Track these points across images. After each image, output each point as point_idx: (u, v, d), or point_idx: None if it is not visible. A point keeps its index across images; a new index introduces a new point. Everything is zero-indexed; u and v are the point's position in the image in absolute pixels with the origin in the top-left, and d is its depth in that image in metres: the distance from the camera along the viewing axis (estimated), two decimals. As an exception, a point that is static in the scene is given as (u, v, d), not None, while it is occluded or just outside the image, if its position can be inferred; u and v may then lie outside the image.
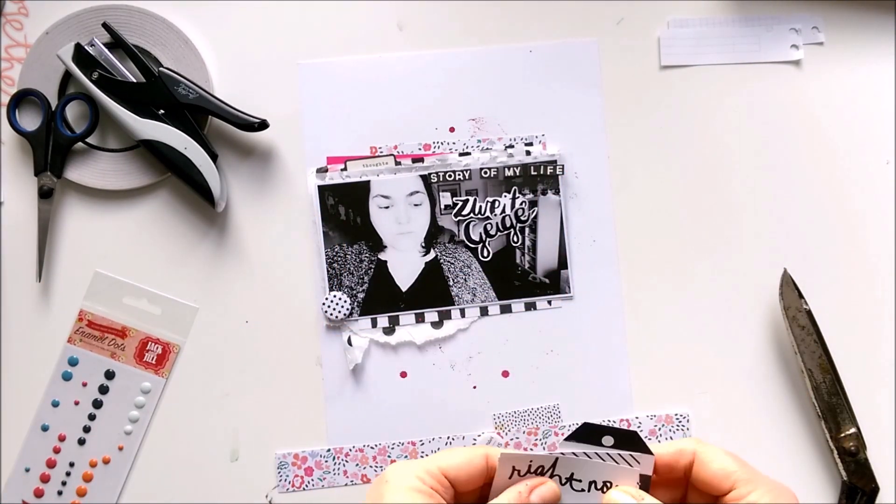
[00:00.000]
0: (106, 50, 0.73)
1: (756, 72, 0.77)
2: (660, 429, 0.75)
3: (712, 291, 0.76)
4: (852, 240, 0.76)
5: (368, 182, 0.75)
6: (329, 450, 0.74)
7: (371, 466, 0.74)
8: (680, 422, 0.75)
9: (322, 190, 0.75)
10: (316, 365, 0.75)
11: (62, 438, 0.74)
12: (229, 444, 0.74)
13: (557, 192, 0.75)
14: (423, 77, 0.76)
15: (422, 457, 0.74)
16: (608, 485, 0.58)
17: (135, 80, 0.72)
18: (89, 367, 0.74)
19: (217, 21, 0.75)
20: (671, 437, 0.75)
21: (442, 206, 0.75)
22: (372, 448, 0.74)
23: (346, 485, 0.74)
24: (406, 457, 0.74)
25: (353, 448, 0.74)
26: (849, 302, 0.76)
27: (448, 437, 0.75)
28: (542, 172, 0.75)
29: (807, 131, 0.77)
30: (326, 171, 0.75)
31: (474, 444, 0.74)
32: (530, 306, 0.75)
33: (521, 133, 0.76)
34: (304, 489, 0.74)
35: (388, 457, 0.74)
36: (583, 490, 0.58)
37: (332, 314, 0.74)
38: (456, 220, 0.75)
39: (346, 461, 0.74)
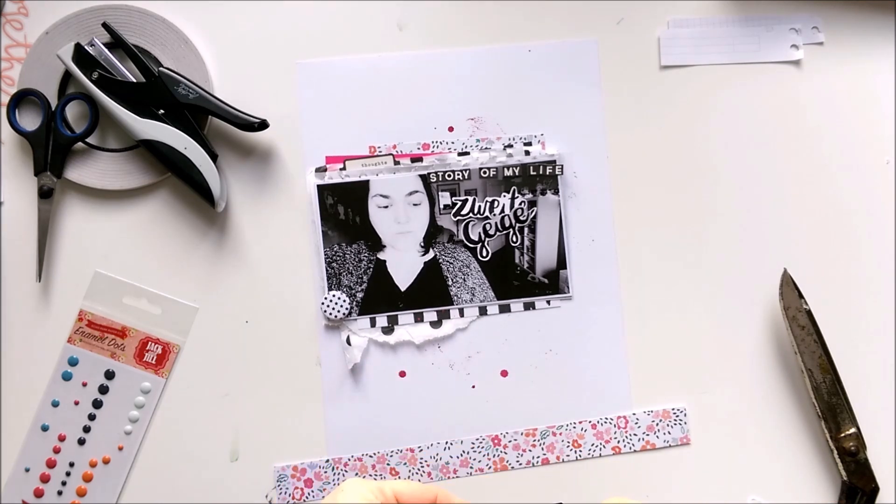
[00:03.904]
0: (106, 50, 0.73)
1: (756, 72, 0.77)
2: (657, 424, 0.75)
3: (712, 291, 0.76)
4: (852, 240, 0.76)
5: (367, 181, 0.75)
6: (328, 460, 0.74)
7: (370, 475, 0.74)
8: (677, 416, 0.75)
9: (321, 189, 0.75)
10: (315, 364, 0.75)
11: (62, 438, 0.74)
12: (229, 444, 0.74)
13: (556, 192, 0.75)
14: (423, 77, 0.76)
15: (421, 461, 0.74)
16: None
17: (135, 80, 0.72)
18: (89, 367, 0.74)
19: (217, 21, 0.75)
20: (669, 433, 0.75)
21: (441, 206, 0.75)
22: (370, 457, 0.74)
23: (346, 493, 0.74)
24: (405, 464, 0.74)
25: (352, 458, 0.74)
26: (849, 302, 0.76)
27: (447, 443, 0.75)
28: (541, 172, 0.75)
29: (807, 131, 0.77)
30: (325, 170, 0.75)
31: (472, 447, 0.74)
32: (529, 306, 0.75)
33: (520, 133, 0.76)
34: (304, 501, 0.74)
35: (387, 465, 0.74)
36: None
37: (331, 314, 0.74)
38: (455, 219, 0.75)
39: (346, 471, 0.74)
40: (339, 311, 0.74)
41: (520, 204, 0.75)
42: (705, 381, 0.75)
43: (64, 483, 0.74)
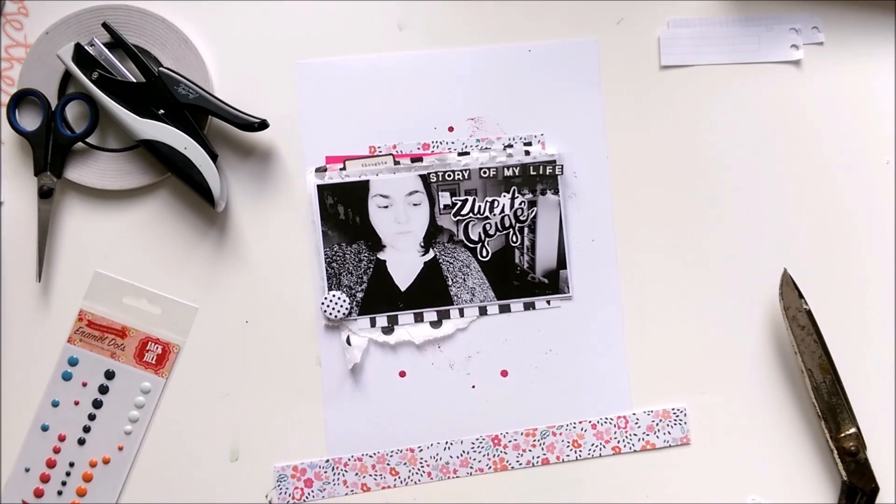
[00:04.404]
0: (106, 50, 0.73)
1: (756, 72, 0.77)
2: (657, 424, 0.75)
3: (712, 291, 0.76)
4: (852, 240, 0.76)
5: (367, 181, 0.75)
6: (328, 460, 0.74)
7: (371, 475, 0.74)
8: (677, 416, 0.75)
9: (321, 189, 0.75)
10: (315, 364, 0.75)
11: (62, 438, 0.74)
12: (229, 444, 0.74)
13: (556, 192, 0.75)
14: (423, 77, 0.76)
15: (421, 461, 0.74)
16: None
17: (135, 80, 0.72)
18: (89, 367, 0.74)
19: (217, 21, 0.75)
20: (669, 433, 0.75)
21: (441, 206, 0.75)
22: (370, 457, 0.74)
23: (346, 494, 0.74)
24: (405, 464, 0.74)
25: (352, 458, 0.74)
26: (849, 302, 0.76)
27: (446, 443, 0.75)
28: (541, 172, 0.75)
29: (806, 131, 0.77)
30: (325, 170, 0.75)
31: (472, 447, 0.74)
32: (529, 306, 0.75)
33: (520, 133, 0.76)
34: (304, 501, 0.74)
35: (387, 465, 0.74)
36: None
37: (331, 314, 0.74)
38: (455, 219, 0.75)
39: (346, 471, 0.74)
40: (339, 311, 0.74)
41: (520, 204, 0.75)
42: (705, 381, 0.75)
43: (64, 483, 0.74)
